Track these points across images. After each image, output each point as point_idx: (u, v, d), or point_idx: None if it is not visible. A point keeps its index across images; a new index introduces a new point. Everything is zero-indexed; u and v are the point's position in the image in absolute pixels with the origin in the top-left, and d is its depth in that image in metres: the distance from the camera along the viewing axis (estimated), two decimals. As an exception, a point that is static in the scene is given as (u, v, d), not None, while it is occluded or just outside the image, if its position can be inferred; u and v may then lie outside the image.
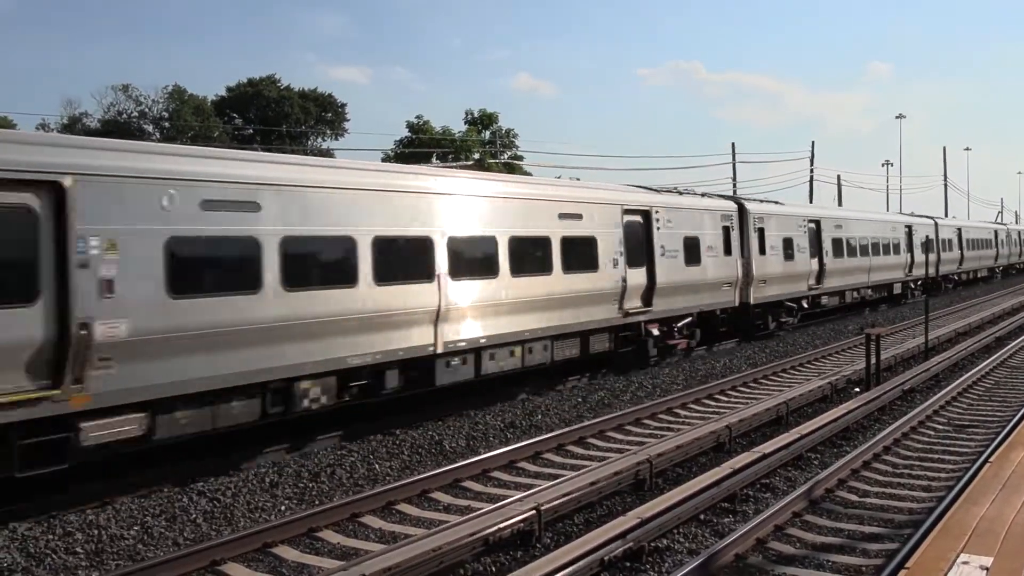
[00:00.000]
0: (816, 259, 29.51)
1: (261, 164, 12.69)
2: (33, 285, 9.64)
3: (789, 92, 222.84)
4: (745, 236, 24.87)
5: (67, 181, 9.83)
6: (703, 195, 24.80)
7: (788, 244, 27.30)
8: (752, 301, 25.16)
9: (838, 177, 74.21)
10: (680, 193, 23.48)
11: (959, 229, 50.13)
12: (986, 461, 10.10)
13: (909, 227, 40.30)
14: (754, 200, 28.03)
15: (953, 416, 15.37)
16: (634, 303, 19.68)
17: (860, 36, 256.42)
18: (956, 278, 49.44)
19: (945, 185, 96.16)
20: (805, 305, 29.38)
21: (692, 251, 21.79)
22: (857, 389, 17.84)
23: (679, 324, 21.67)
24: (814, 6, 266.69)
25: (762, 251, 25.53)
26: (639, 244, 20.01)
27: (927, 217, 46.30)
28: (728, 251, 23.79)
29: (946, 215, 72.99)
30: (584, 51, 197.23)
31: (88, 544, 9.31)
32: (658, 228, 20.54)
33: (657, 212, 20.69)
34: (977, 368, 19.68)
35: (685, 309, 21.83)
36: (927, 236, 39.29)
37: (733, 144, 64.84)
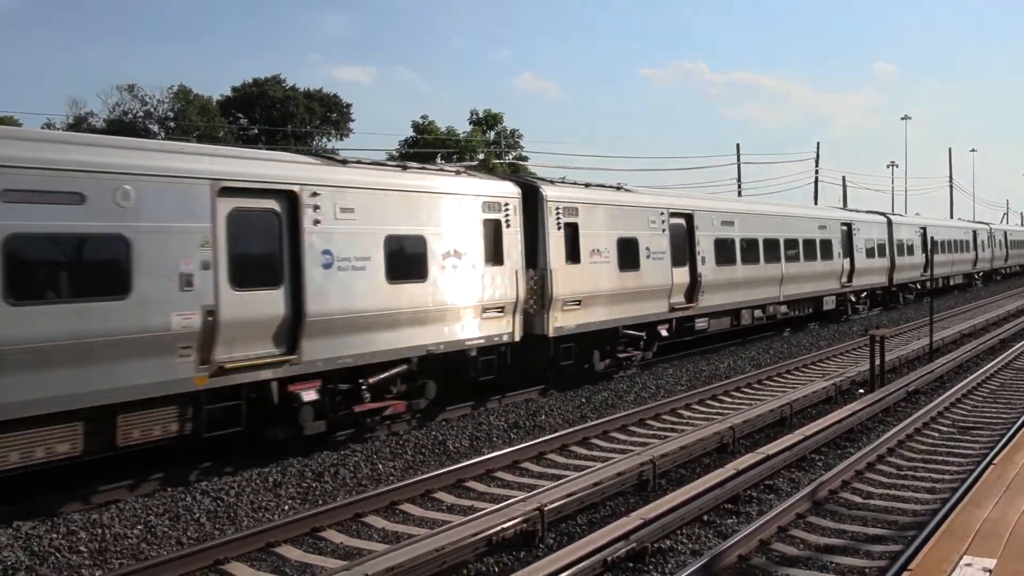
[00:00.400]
0: (686, 267, 21.78)
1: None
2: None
3: (795, 92, 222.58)
4: (541, 234, 17.12)
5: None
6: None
7: (628, 247, 19.46)
8: (550, 332, 17.20)
9: (843, 178, 74.20)
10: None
11: (923, 228, 41.38)
12: (990, 463, 10.08)
13: (848, 225, 32.41)
14: (562, 183, 19.33)
15: (958, 418, 15.34)
16: None
17: (865, 37, 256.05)
18: (918, 287, 40.56)
19: (951, 186, 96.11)
20: (665, 333, 21.04)
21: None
22: (861, 391, 17.81)
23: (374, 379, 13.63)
24: (818, 6, 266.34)
25: (573, 257, 17.77)
26: None
27: (878, 213, 38.51)
28: (497, 259, 15.96)
29: (951, 216, 72.48)
30: (587, 51, 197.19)
31: (92, 543, 9.33)
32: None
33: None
34: (982, 370, 19.63)
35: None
36: (876, 237, 34.77)
37: (738, 145, 64.86)
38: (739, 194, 59.30)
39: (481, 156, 65.05)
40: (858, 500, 10.66)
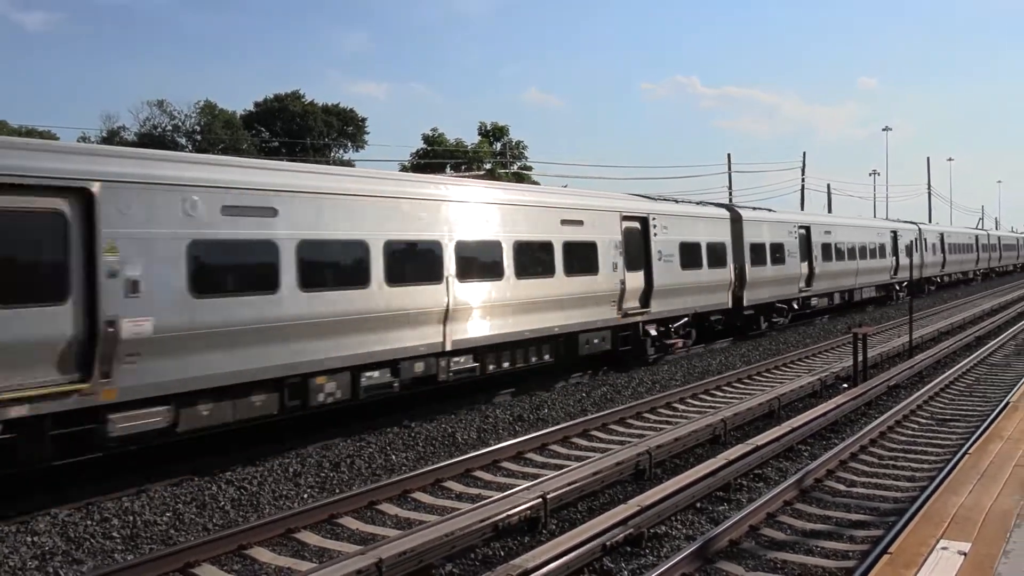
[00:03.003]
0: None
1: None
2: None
3: (783, 104, 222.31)
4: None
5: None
6: None
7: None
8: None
9: (828, 186, 74.06)
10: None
11: (805, 228, 29.40)
12: (966, 453, 10.05)
13: (643, 218, 20.10)
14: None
15: (936, 410, 15.30)
16: None
17: (849, 53, 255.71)
18: (787, 309, 28.51)
19: (929, 193, 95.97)
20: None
21: None
22: (845, 385, 17.78)
23: None
24: (804, 24, 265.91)
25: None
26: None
27: (722, 206, 26.04)
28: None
29: (929, 222, 72.17)
30: (590, 67, 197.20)
31: (124, 529, 9.36)
32: None
33: None
34: (959, 365, 19.58)
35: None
36: (708, 242, 22.95)
37: (729, 155, 64.83)
38: (730, 200, 59.16)
39: (488, 166, 65.09)
40: (842, 488, 10.65)
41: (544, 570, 7.57)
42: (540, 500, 9.40)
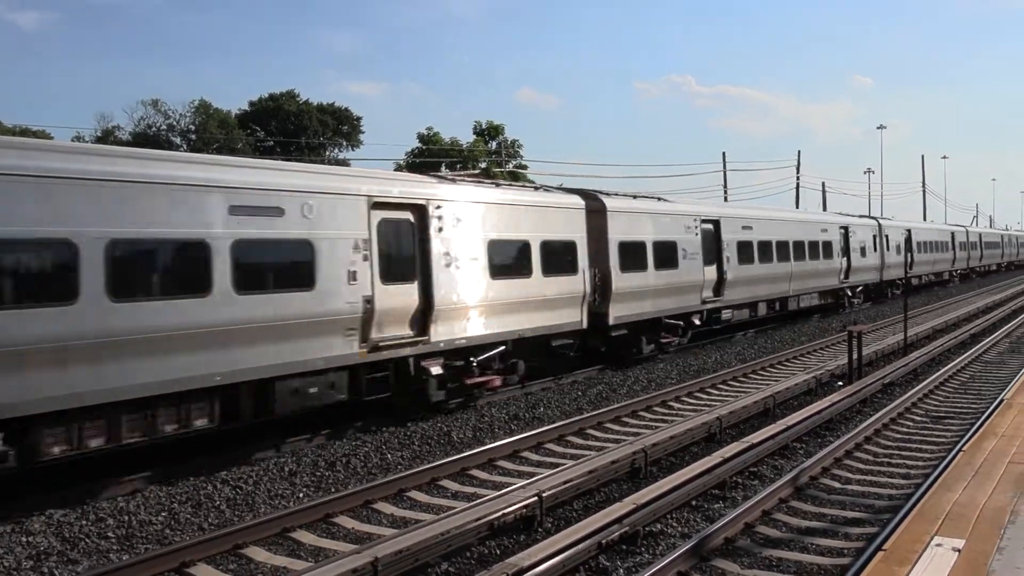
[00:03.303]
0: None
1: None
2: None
3: (778, 103, 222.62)
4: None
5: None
6: None
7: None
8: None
9: (823, 184, 74.17)
10: None
11: (714, 222, 24.18)
12: (960, 450, 10.08)
13: (416, 205, 14.48)
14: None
15: (930, 408, 15.34)
16: None
17: (844, 51, 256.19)
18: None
19: (923, 191, 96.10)
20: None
21: None
22: (840, 383, 17.80)
23: None
24: (799, 23, 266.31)
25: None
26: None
27: (577, 192, 19.81)
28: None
29: (924, 219, 72.09)
30: (584, 66, 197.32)
31: (119, 529, 9.34)
32: None
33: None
34: (953, 363, 19.64)
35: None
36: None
37: (724, 153, 64.89)
38: (725, 199, 59.28)
39: (483, 165, 65.06)
40: (837, 485, 10.67)
41: (540, 568, 7.58)
42: (536, 499, 9.40)
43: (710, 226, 23.71)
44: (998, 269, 71.47)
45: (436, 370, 14.48)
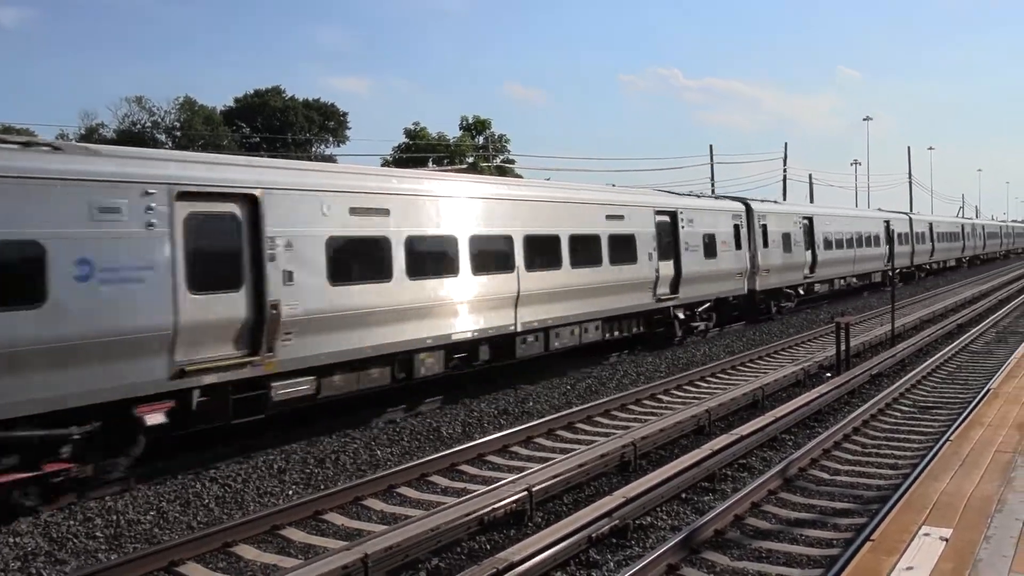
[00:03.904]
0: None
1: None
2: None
3: (765, 96, 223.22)
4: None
5: None
6: None
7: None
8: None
9: (810, 176, 74.46)
10: None
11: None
12: (947, 440, 10.13)
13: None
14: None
15: (918, 398, 15.43)
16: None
17: (829, 43, 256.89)
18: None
19: (910, 182, 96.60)
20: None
21: None
22: (828, 374, 17.88)
23: None
24: (784, 15, 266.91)
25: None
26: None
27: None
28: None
29: (911, 211, 72.56)
30: (571, 59, 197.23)
31: (107, 529, 9.30)
32: None
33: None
34: (940, 353, 19.76)
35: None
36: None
37: (711, 146, 64.99)
38: (712, 192, 59.36)
39: (470, 160, 64.95)
40: (826, 476, 10.73)
41: (530, 563, 7.59)
42: (526, 493, 9.42)
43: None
44: (958, 265, 75.00)
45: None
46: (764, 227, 27.21)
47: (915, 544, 6.50)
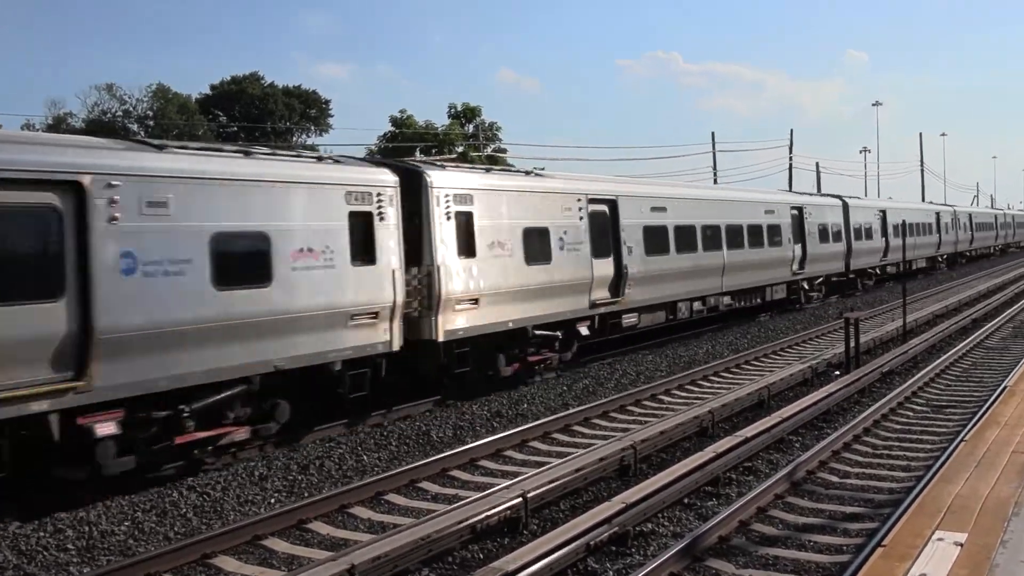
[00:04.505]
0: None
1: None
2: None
3: (769, 80, 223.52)
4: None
5: None
6: None
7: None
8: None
9: (817, 164, 74.64)
10: None
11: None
12: (962, 440, 10.17)
13: None
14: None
15: (931, 397, 15.49)
16: None
17: (836, 25, 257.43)
18: None
19: (922, 170, 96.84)
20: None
21: None
22: (837, 372, 17.95)
23: None
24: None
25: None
26: None
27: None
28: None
29: (923, 199, 72.79)
30: (562, 42, 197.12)
31: (79, 540, 9.27)
32: None
33: None
34: (954, 349, 19.83)
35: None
36: None
37: (713, 134, 65.16)
38: (715, 181, 59.50)
39: (460, 149, 64.83)
40: (835, 480, 10.76)
41: (526, 572, 7.59)
42: (520, 499, 9.42)
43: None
44: (933, 268, 74.81)
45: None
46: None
47: (928, 549, 6.53)
